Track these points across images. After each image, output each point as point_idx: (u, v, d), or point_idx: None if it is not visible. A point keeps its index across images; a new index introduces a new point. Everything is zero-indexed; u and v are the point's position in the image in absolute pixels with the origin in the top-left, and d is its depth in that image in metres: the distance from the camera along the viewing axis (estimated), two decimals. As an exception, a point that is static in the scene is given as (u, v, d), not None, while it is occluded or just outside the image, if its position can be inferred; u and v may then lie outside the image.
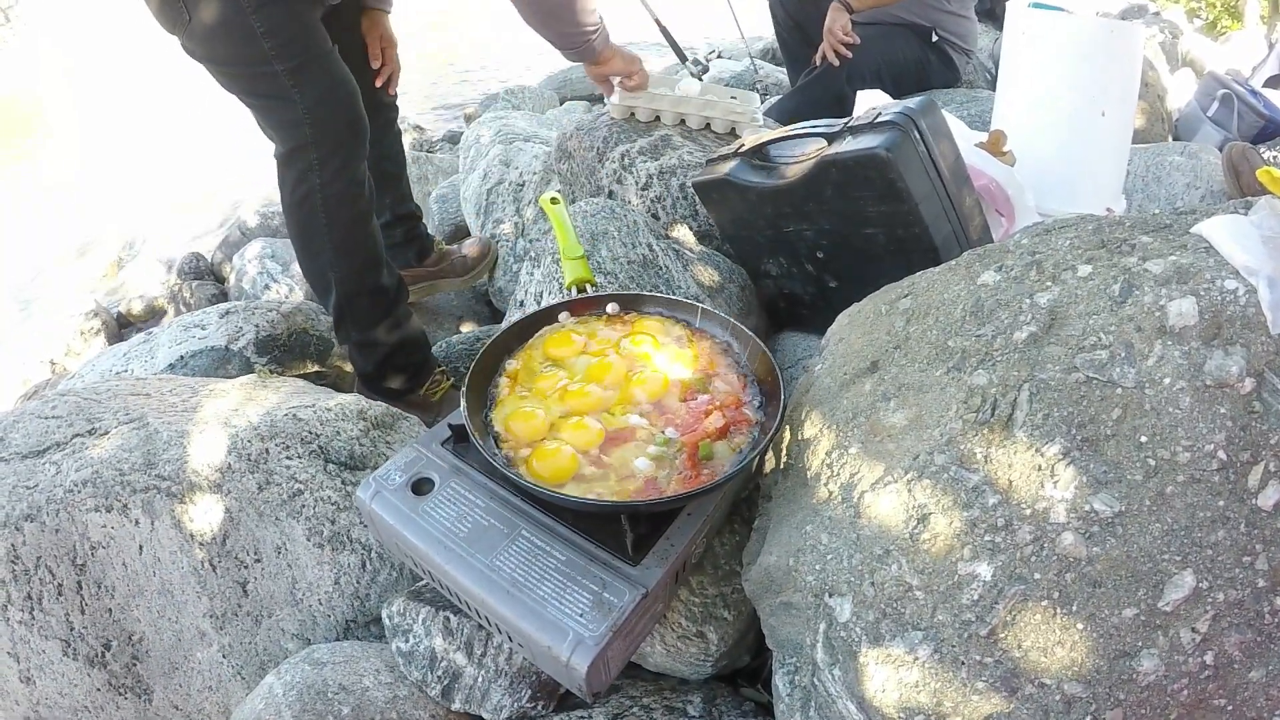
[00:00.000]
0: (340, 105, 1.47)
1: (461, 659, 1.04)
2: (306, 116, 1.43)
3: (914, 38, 2.62)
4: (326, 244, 1.54)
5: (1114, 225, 0.85)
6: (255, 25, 1.35)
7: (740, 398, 1.09)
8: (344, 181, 1.49)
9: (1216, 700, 0.67)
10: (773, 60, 4.43)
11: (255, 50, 1.37)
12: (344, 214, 1.52)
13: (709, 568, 1.08)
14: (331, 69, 1.46)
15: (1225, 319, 0.70)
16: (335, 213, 1.51)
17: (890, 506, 0.77)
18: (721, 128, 1.85)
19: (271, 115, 1.47)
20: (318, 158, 1.46)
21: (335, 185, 1.48)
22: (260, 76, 1.42)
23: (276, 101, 1.44)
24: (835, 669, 0.81)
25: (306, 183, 1.48)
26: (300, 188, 1.49)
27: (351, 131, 1.49)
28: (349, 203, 1.52)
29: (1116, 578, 0.67)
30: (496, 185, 2.27)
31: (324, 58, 1.45)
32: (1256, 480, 0.66)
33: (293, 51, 1.39)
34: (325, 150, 1.46)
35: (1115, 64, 1.74)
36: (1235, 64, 3.41)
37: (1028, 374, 0.75)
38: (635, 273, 1.46)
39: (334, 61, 1.48)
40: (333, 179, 1.48)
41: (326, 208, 1.49)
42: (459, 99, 6.14)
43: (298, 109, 1.42)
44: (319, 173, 1.47)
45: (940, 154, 1.20)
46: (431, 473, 1.03)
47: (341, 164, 1.48)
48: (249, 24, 1.34)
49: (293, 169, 1.48)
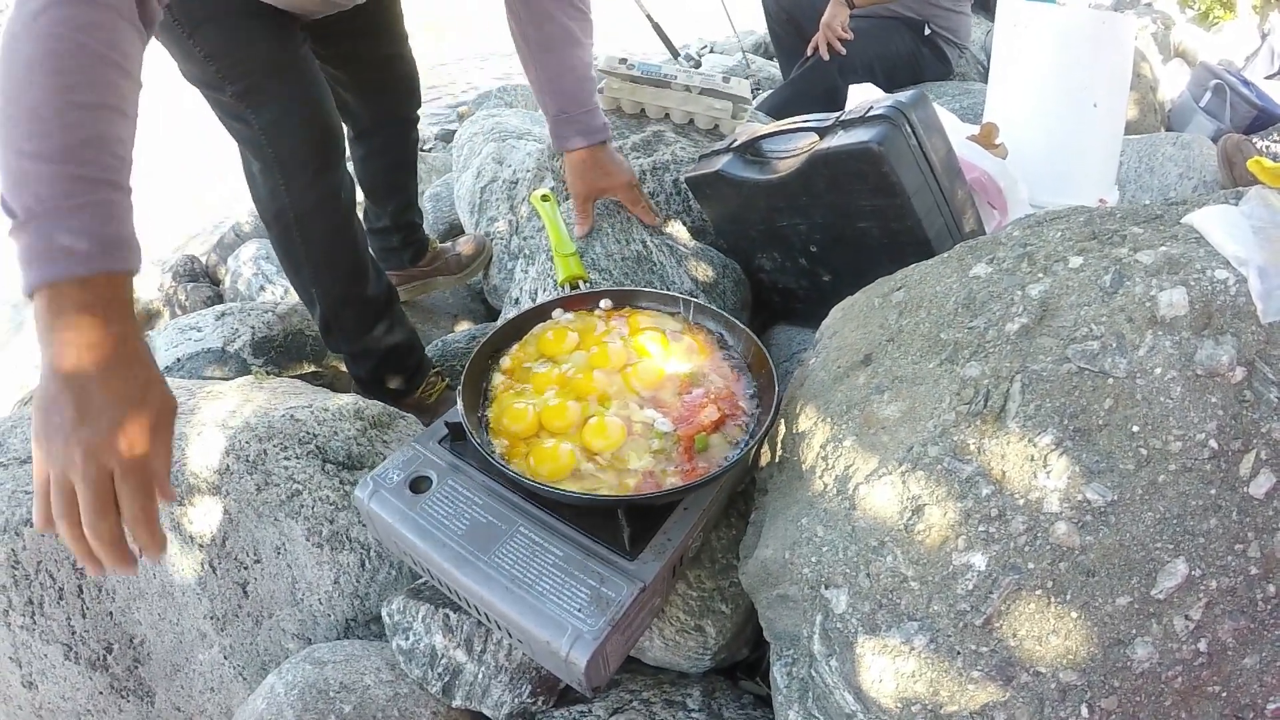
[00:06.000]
0: (301, 122, 1.37)
1: (461, 656, 1.04)
2: (263, 136, 1.35)
3: (907, 31, 2.62)
4: (304, 261, 1.49)
5: (1105, 216, 0.86)
6: (195, 49, 1.28)
7: (735, 391, 1.09)
8: (314, 197, 1.42)
9: (1211, 687, 0.67)
10: (765, 54, 4.42)
11: (205, 73, 1.30)
12: (318, 229, 1.45)
13: (706, 561, 1.08)
14: (289, 84, 1.36)
15: (1216, 309, 0.70)
16: (309, 229, 1.44)
17: (885, 498, 0.78)
18: (704, 124, 1.85)
19: (234, 135, 1.40)
20: (283, 178, 1.39)
21: (305, 202, 1.41)
22: (214, 100, 1.36)
23: (234, 122, 1.37)
24: (832, 660, 0.81)
25: (277, 201, 1.41)
26: (272, 206, 1.42)
27: (318, 146, 1.40)
28: (322, 218, 1.45)
29: (1110, 566, 0.67)
30: (490, 183, 2.27)
31: (279, 73, 1.36)
32: (1248, 468, 0.67)
33: (240, 72, 1.31)
34: (291, 168, 1.39)
35: (1107, 55, 1.74)
36: (1228, 54, 3.41)
37: (1020, 365, 0.75)
38: (629, 269, 1.46)
39: (293, 74, 1.38)
40: (302, 195, 1.41)
41: (300, 225, 1.43)
42: (452, 97, 6.13)
43: (254, 129, 1.34)
44: (286, 191, 1.40)
45: (932, 147, 1.20)
46: (429, 471, 1.03)
47: (310, 179, 1.40)
48: (190, 48, 1.28)
49: (263, 188, 1.42)
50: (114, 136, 0.77)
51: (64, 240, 0.72)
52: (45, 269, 0.72)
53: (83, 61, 0.75)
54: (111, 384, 0.74)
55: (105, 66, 0.77)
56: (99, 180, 0.75)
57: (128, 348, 0.76)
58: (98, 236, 0.74)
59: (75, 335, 0.73)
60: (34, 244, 0.72)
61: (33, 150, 0.73)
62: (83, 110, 0.75)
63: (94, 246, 0.73)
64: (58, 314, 0.73)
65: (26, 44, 0.74)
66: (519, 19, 1.38)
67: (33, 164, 0.73)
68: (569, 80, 1.41)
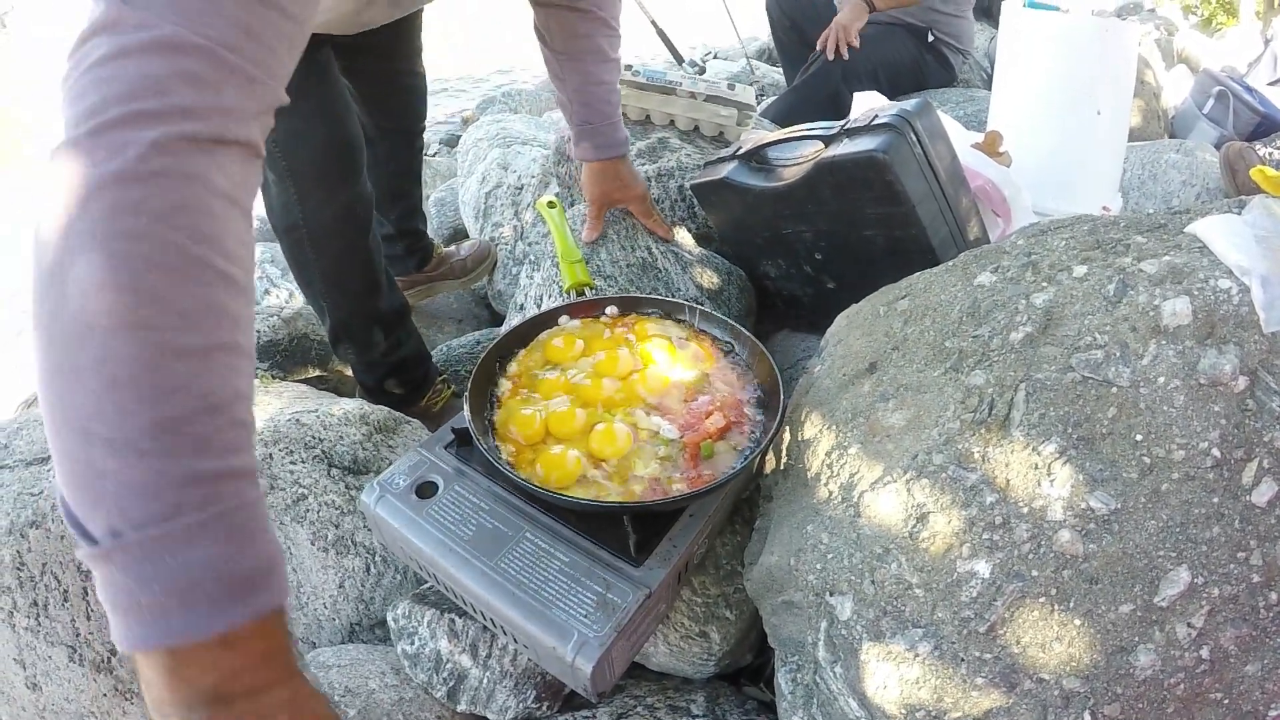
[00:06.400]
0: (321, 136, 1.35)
1: (466, 661, 1.05)
2: (278, 147, 1.32)
3: (910, 38, 2.63)
4: (316, 275, 1.48)
5: (1109, 225, 0.86)
6: None
7: (740, 399, 1.10)
8: (330, 214, 1.40)
9: (1213, 694, 0.67)
10: (769, 61, 4.43)
11: None
12: (333, 246, 1.44)
13: (711, 568, 1.09)
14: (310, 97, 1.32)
15: (1219, 318, 0.70)
16: (323, 245, 1.43)
17: (889, 506, 0.78)
18: (709, 130, 1.86)
19: None
20: (296, 191, 1.37)
21: (321, 217, 1.40)
22: None
23: None
24: (837, 667, 0.81)
25: (290, 215, 1.39)
26: (284, 219, 1.40)
27: (336, 159, 1.38)
28: (336, 235, 1.43)
29: (1113, 574, 0.68)
30: (495, 189, 2.28)
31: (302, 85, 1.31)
32: (1250, 477, 0.67)
33: None
34: (306, 183, 1.36)
35: (1110, 62, 1.75)
36: (1231, 60, 3.42)
37: (1024, 374, 0.76)
38: (634, 275, 1.47)
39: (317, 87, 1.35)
40: (317, 211, 1.39)
41: (314, 241, 1.42)
42: (456, 103, 6.15)
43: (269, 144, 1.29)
44: (300, 205, 1.38)
45: (936, 155, 1.20)
46: (435, 476, 1.04)
47: (325, 195, 1.38)
48: None
49: (275, 199, 1.40)
50: (232, 393, 0.52)
51: (176, 581, 0.48)
52: (152, 627, 0.48)
53: (174, 278, 0.50)
54: None
55: (208, 278, 0.52)
56: (220, 474, 0.50)
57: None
58: (228, 569, 0.49)
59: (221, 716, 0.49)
60: (127, 586, 0.48)
61: (108, 435, 0.47)
62: (185, 360, 0.50)
63: (223, 586, 0.49)
64: (180, 688, 0.49)
65: (79, 255, 0.48)
66: (549, 31, 1.38)
67: (112, 458, 0.47)
68: (595, 93, 1.42)
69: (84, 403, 0.48)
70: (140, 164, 0.49)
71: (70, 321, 0.48)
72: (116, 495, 0.47)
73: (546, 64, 1.43)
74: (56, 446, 0.49)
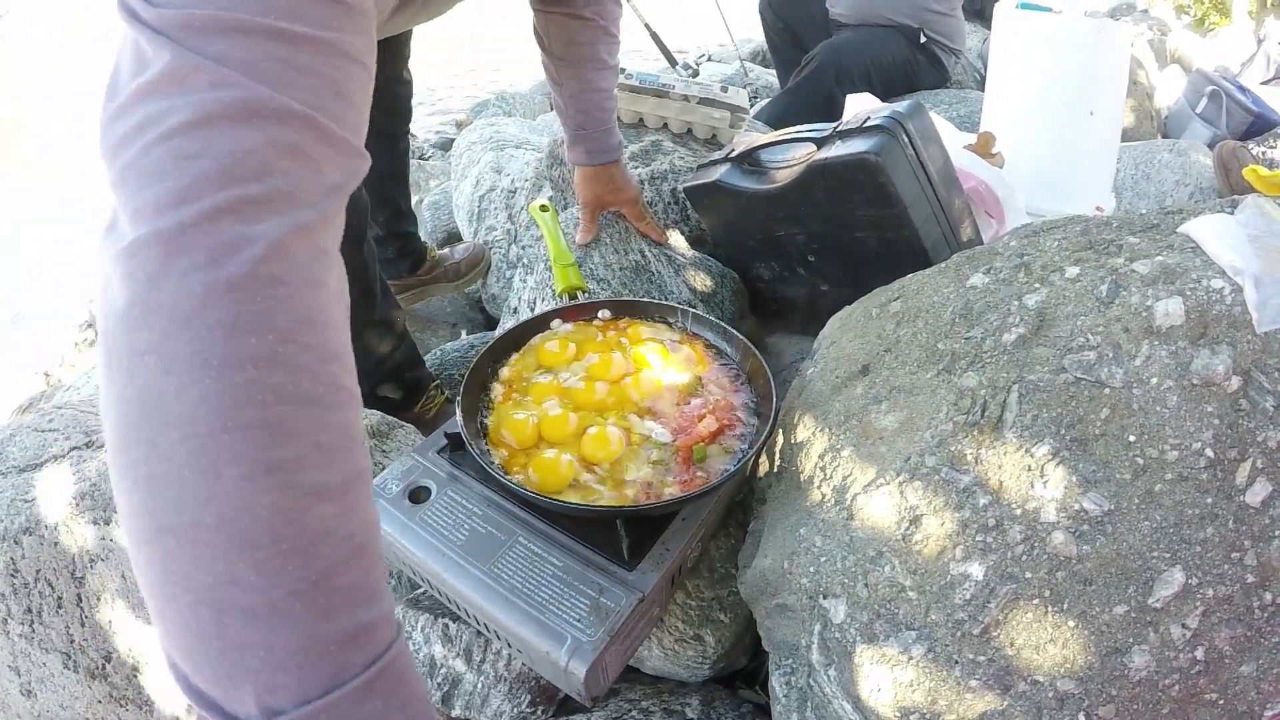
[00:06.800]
0: None
1: (460, 665, 1.04)
2: None
3: (902, 39, 2.63)
4: None
5: (1101, 226, 0.86)
6: None
7: (733, 401, 1.10)
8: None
9: (1208, 695, 0.67)
10: (762, 63, 4.44)
11: None
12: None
13: (705, 571, 1.08)
14: None
15: (1212, 318, 0.70)
16: None
17: (882, 508, 0.78)
18: (702, 133, 1.86)
19: None
20: None
21: None
22: None
23: None
24: (831, 669, 0.81)
25: None
26: None
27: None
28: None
29: (1107, 575, 0.68)
30: (489, 192, 2.28)
31: None
32: (1244, 477, 0.67)
33: None
34: None
35: (1103, 62, 1.75)
36: (1224, 60, 3.42)
37: (1017, 375, 0.76)
38: (627, 278, 1.47)
39: None
40: None
41: None
42: (450, 106, 6.15)
43: None
44: None
45: (929, 157, 1.20)
46: (428, 481, 1.04)
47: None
48: None
49: None
50: (371, 526, 0.47)
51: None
52: None
53: (309, 409, 0.44)
54: None
55: (341, 400, 0.47)
56: (374, 623, 0.44)
57: None
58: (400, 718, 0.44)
59: None
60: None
61: (245, 603, 0.40)
62: (326, 502, 0.43)
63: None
64: None
65: (189, 388, 0.41)
66: (549, 36, 1.37)
67: (255, 628, 0.41)
68: (591, 100, 1.42)
69: (208, 568, 0.40)
70: (259, 267, 0.42)
71: (180, 469, 0.40)
72: (267, 670, 0.40)
73: (544, 68, 1.43)
74: (171, 619, 0.41)
